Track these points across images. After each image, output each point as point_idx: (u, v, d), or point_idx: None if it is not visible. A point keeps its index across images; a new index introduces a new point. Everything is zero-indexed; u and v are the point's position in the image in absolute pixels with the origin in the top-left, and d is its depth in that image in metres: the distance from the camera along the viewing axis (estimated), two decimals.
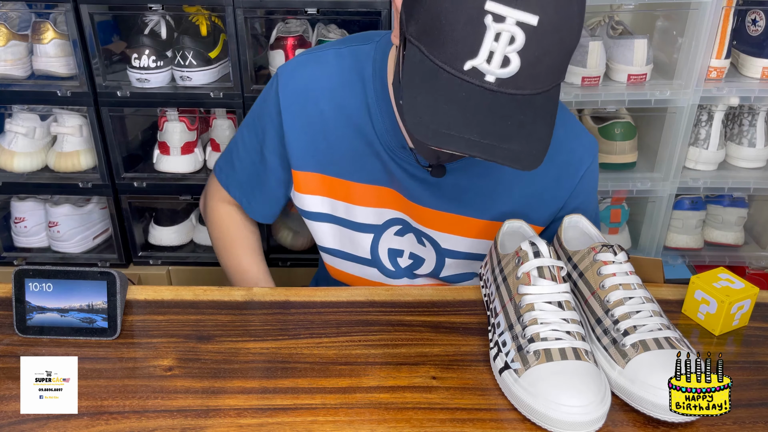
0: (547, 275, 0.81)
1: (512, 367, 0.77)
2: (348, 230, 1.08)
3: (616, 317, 0.80)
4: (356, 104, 0.98)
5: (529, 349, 0.76)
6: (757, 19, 1.60)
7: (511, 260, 0.85)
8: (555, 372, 0.74)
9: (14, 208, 1.74)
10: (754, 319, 0.93)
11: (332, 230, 1.09)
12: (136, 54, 1.54)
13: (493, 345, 0.82)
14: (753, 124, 1.68)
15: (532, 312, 0.79)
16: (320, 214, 1.08)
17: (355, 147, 1.00)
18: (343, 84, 0.98)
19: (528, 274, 0.81)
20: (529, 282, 0.81)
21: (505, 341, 0.80)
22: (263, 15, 1.62)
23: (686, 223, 1.77)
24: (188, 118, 1.65)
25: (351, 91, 0.98)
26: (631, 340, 0.77)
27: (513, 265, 0.84)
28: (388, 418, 0.75)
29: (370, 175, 1.02)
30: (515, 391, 0.75)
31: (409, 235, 1.07)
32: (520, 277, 0.82)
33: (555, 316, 0.78)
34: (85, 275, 0.85)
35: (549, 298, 0.79)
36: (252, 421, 0.74)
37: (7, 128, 1.65)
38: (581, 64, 1.55)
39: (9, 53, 1.56)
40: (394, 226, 1.07)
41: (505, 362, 0.78)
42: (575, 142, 1.01)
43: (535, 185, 1.02)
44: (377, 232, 1.07)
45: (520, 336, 0.78)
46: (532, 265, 0.81)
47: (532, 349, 0.76)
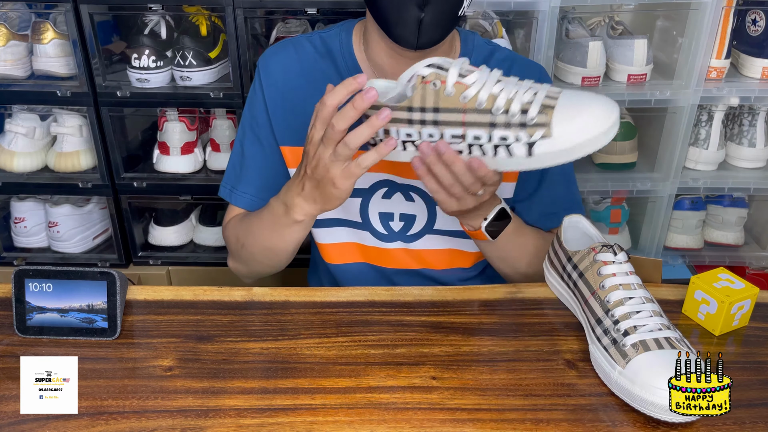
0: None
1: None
2: None
3: (617, 317, 0.80)
4: (330, 75, 1.07)
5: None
6: (757, 19, 1.60)
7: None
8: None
9: (14, 208, 1.74)
10: (754, 319, 0.93)
11: None
12: (136, 54, 1.54)
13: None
14: (753, 124, 1.68)
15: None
16: None
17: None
18: (316, 59, 1.08)
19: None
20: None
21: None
22: (263, 15, 1.62)
23: (686, 223, 1.77)
24: (188, 118, 1.65)
25: (323, 65, 1.08)
26: (631, 341, 0.77)
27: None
28: (388, 418, 0.75)
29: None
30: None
31: (397, 194, 1.10)
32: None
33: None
34: (85, 275, 0.85)
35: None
36: (252, 421, 0.74)
37: (7, 128, 1.65)
38: (581, 64, 1.55)
39: (9, 53, 1.56)
40: (380, 188, 1.10)
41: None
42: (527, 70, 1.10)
43: None
44: (365, 196, 1.11)
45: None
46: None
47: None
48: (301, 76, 1.08)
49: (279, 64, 1.09)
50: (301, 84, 1.08)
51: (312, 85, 1.07)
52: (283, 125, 1.09)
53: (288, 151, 1.10)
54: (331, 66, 1.08)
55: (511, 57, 1.12)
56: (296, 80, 1.08)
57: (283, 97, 1.08)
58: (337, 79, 1.03)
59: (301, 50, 1.09)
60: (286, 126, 1.09)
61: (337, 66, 1.08)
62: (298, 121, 1.07)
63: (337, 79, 1.06)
